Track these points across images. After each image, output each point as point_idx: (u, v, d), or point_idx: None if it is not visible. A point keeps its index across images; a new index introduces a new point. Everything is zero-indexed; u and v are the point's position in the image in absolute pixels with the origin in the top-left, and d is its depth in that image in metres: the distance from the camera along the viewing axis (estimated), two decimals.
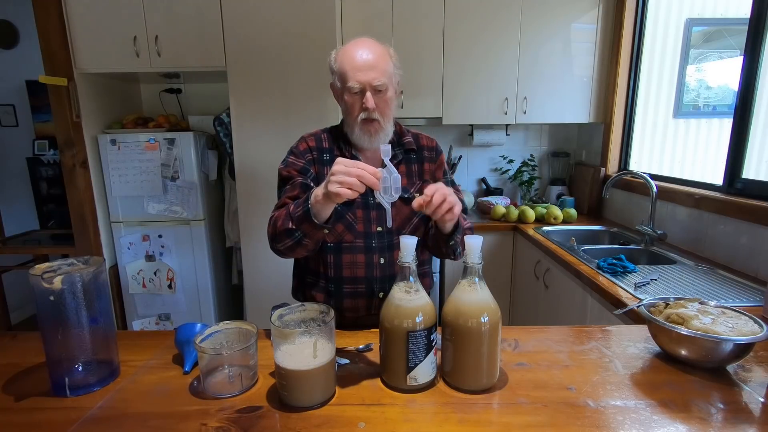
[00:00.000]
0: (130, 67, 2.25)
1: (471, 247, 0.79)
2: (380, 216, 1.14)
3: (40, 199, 3.22)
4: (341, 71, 1.07)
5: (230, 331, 0.86)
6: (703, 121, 2.43)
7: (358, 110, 1.08)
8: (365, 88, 1.05)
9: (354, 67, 1.05)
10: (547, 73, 2.54)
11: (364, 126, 1.09)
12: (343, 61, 1.07)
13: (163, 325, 2.51)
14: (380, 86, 1.06)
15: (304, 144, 1.17)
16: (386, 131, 1.12)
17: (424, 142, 1.23)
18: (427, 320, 0.78)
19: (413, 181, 1.18)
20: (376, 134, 1.10)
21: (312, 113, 2.24)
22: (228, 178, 2.60)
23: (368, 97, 1.05)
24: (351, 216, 1.14)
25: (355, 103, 1.08)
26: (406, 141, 1.19)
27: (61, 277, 0.75)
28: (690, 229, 1.86)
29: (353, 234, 1.14)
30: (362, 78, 1.04)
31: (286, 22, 2.16)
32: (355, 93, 1.06)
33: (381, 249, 1.15)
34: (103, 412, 0.75)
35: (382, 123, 1.09)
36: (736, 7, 2.31)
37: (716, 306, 0.94)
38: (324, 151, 1.16)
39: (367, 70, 1.04)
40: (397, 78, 1.12)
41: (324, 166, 1.15)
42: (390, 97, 1.09)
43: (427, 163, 1.20)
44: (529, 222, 2.47)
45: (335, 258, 1.14)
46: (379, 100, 1.07)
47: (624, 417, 0.72)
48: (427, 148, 1.22)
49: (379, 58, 1.06)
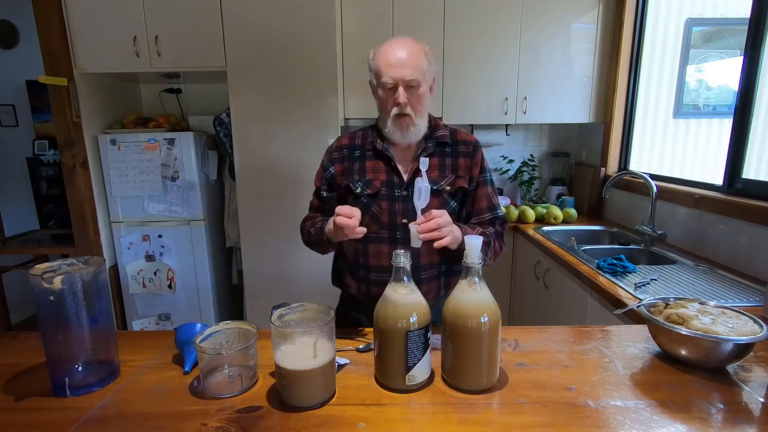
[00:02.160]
0: (130, 67, 2.25)
1: (471, 247, 0.79)
2: (406, 209, 1.16)
3: (40, 199, 3.22)
4: (376, 68, 1.11)
5: (230, 331, 0.86)
6: (703, 121, 2.43)
7: (391, 105, 1.11)
8: (397, 84, 1.09)
9: (388, 63, 1.09)
10: (547, 73, 2.54)
11: (397, 121, 1.12)
12: (379, 59, 1.11)
13: (163, 325, 2.51)
14: (412, 82, 1.09)
15: (337, 142, 1.26)
16: (418, 126, 1.14)
17: (462, 137, 1.23)
18: (422, 319, 0.79)
19: (445, 174, 1.18)
20: (407, 128, 1.13)
21: (312, 113, 2.24)
22: (228, 178, 2.60)
23: (400, 92, 1.09)
24: (376, 208, 1.16)
25: (388, 99, 1.11)
26: (440, 134, 1.20)
27: (61, 277, 0.75)
28: (690, 229, 1.86)
29: (378, 225, 1.17)
30: (395, 74, 1.08)
31: (286, 23, 2.16)
32: (389, 89, 1.10)
33: (405, 240, 1.15)
34: (103, 412, 0.75)
35: (414, 118, 1.12)
36: (736, 7, 2.31)
37: (716, 306, 0.94)
38: (355, 148, 1.23)
39: (399, 67, 1.08)
40: (432, 75, 1.15)
41: (353, 162, 1.21)
42: (422, 93, 1.12)
43: (462, 158, 1.20)
44: (529, 222, 2.47)
45: (363, 247, 1.18)
46: (411, 95, 1.10)
47: (624, 417, 0.72)
48: (465, 143, 1.22)
49: (412, 56, 1.09)
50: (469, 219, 1.23)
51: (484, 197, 1.22)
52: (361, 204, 1.15)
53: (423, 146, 1.18)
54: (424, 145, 1.18)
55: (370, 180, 1.18)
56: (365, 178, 1.18)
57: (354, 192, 1.17)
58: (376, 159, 1.19)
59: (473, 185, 1.21)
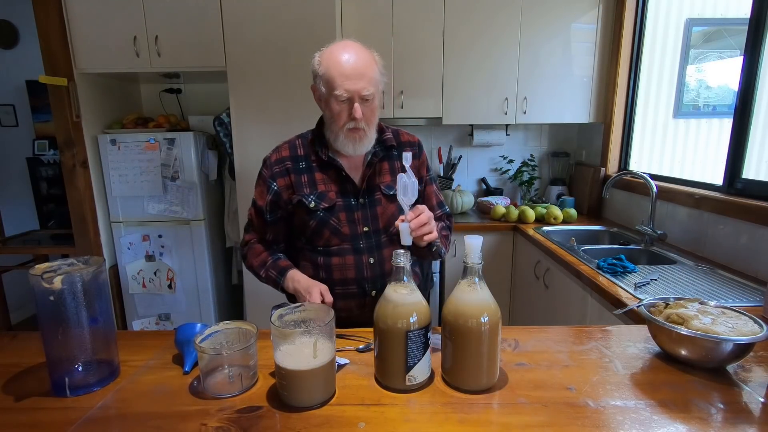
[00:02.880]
0: (130, 67, 2.25)
1: (471, 247, 0.78)
2: (366, 216, 1.14)
3: (40, 199, 3.22)
4: (328, 77, 1.04)
5: (230, 331, 0.86)
6: (703, 121, 2.43)
7: (345, 119, 1.06)
8: (353, 98, 1.04)
9: (342, 74, 1.02)
10: (547, 73, 2.54)
11: (350, 134, 1.08)
12: (330, 67, 1.04)
13: (163, 325, 2.51)
14: (368, 95, 1.05)
15: (276, 155, 1.18)
16: (370, 138, 1.12)
17: (406, 138, 1.23)
18: (422, 319, 0.79)
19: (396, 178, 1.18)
20: (361, 142, 1.10)
21: (312, 113, 2.20)
22: (228, 178, 2.60)
23: (357, 108, 1.04)
24: (335, 220, 1.13)
25: (342, 112, 1.06)
26: (386, 138, 1.18)
27: (61, 277, 0.75)
28: (690, 229, 1.86)
29: (340, 237, 1.14)
30: (351, 87, 1.03)
31: (286, 22, 2.16)
32: (343, 101, 1.05)
33: (370, 249, 1.15)
34: (103, 412, 0.75)
35: (367, 131, 1.09)
36: (736, 7, 2.31)
37: (716, 306, 0.94)
38: (299, 159, 1.17)
39: (356, 79, 1.02)
40: (382, 85, 1.11)
41: (301, 175, 1.15)
42: (376, 106, 1.09)
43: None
44: (529, 222, 2.47)
45: (325, 261, 1.14)
46: (365, 108, 1.06)
47: (624, 417, 0.72)
48: (409, 144, 1.22)
49: (367, 66, 1.05)
50: None
51: (432, 195, 1.24)
52: (317, 218, 1.11)
53: (371, 151, 1.15)
54: (373, 150, 1.16)
55: (324, 192, 1.13)
56: (317, 191, 1.13)
57: (307, 207, 1.12)
58: (325, 169, 1.15)
59: (422, 185, 1.22)
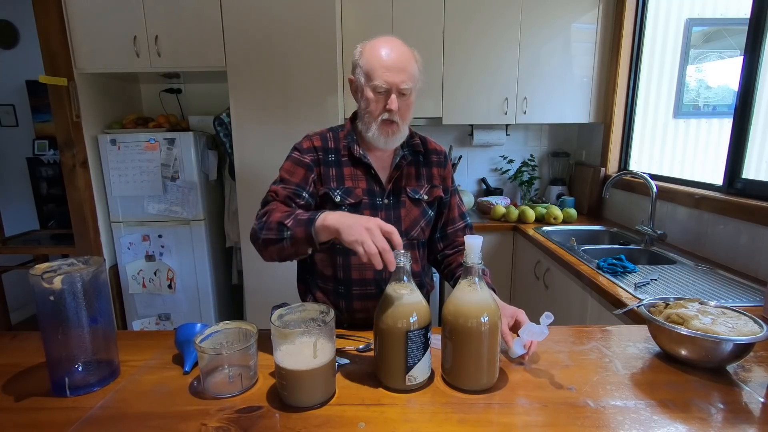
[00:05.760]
0: (130, 67, 2.24)
1: (471, 247, 0.78)
2: (389, 217, 1.13)
3: (40, 199, 3.22)
4: (368, 68, 1.04)
5: (230, 331, 0.86)
6: (703, 121, 2.42)
7: (380, 110, 1.06)
8: (391, 90, 1.04)
9: (383, 65, 1.03)
10: (547, 73, 2.54)
11: (384, 126, 1.07)
12: (372, 58, 1.04)
13: (163, 325, 2.51)
14: (406, 90, 1.05)
15: (309, 142, 1.14)
16: (403, 134, 1.11)
17: (433, 146, 1.23)
18: (422, 319, 0.79)
19: (421, 183, 1.18)
20: (394, 136, 1.09)
21: (312, 113, 2.24)
22: (228, 178, 2.60)
23: (393, 99, 1.04)
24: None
25: (378, 102, 1.06)
26: (414, 143, 1.19)
27: (61, 277, 0.75)
28: (690, 229, 1.86)
29: None
30: (391, 79, 1.03)
31: (286, 22, 2.16)
32: (380, 92, 1.05)
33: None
34: (103, 412, 0.75)
35: (401, 126, 1.08)
36: (736, 7, 2.31)
37: (716, 306, 0.94)
38: (329, 152, 1.14)
39: (396, 72, 1.03)
40: (420, 83, 1.11)
41: (329, 167, 1.12)
42: (412, 101, 1.09)
43: (436, 167, 1.20)
44: (529, 222, 2.47)
45: (344, 260, 1.13)
46: (402, 103, 1.06)
47: (624, 417, 0.72)
48: (436, 152, 1.22)
49: (407, 61, 1.05)
50: (445, 227, 1.24)
51: (456, 206, 1.24)
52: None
53: (400, 153, 1.15)
54: (401, 152, 1.15)
55: (351, 188, 1.12)
56: (344, 186, 1.11)
57: (333, 201, 1.10)
58: (354, 165, 1.13)
59: (448, 195, 1.22)
